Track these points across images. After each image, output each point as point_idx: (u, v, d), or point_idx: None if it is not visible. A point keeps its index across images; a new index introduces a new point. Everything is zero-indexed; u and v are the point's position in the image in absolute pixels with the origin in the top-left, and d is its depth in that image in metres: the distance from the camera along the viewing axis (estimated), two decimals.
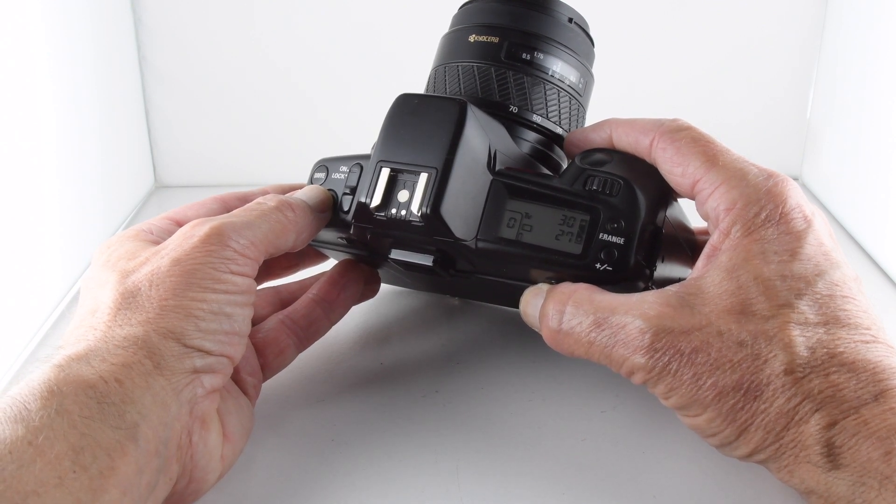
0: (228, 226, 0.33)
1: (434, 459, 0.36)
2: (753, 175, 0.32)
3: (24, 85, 0.50)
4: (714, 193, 0.32)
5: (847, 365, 0.28)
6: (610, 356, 0.31)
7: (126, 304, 0.31)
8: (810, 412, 0.28)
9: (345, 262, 0.42)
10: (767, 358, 0.29)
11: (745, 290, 0.30)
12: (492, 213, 0.35)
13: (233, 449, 0.33)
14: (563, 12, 0.40)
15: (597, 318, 0.31)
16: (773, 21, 0.70)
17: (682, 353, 0.30)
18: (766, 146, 0.74)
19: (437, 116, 0.35)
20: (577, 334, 0.32)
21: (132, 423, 0.27)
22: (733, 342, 0.29)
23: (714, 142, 0.33)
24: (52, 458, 0.25)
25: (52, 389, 0.27)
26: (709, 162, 0.32)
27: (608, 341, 0.31)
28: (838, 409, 0.28)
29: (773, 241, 0.30)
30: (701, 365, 0.29)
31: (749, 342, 0.29)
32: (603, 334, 0.31)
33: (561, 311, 0.32)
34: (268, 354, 0.38)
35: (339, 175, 0.38)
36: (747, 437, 0.29)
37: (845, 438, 0.27)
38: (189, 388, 0.30)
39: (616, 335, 0.31)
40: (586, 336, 0.32)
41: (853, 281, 0.31)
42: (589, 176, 0.34)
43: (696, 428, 0.31)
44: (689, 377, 0.29)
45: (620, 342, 0.31)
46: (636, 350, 0.30)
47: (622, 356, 0.31)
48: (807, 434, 0.28)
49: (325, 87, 0.72)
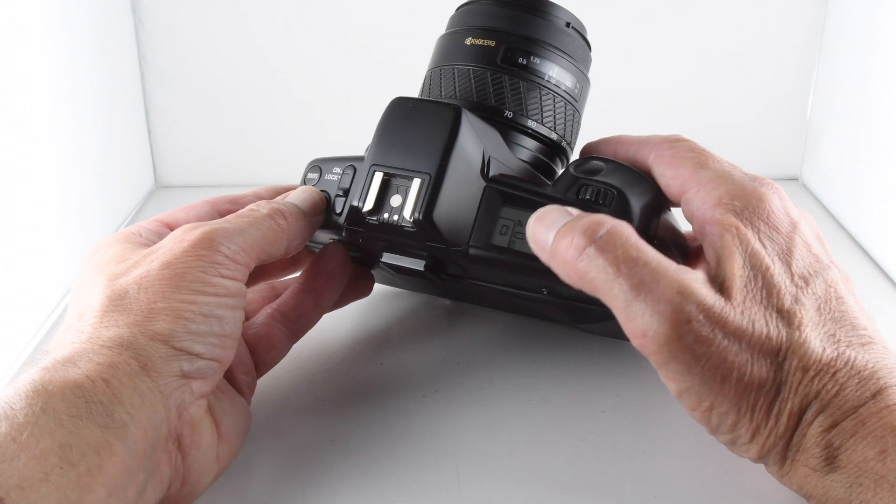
0: (219, 231, 0.33)
1: (434, 459, 0.36)
2: (739, 176, 0.32)
3: (25, 85, 0.49)
4: (700, 191, 0.32)
5: (850, 364, 0.28)
6: (630, 304, 0.28)
7: (114, 306, 0.31)
8: (816, 412, 0.28)
9: (329, 247, 0.40)
10: (787, 354, 0.28)
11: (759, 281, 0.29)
12: (484, 220, 0.35)
13: (229, 449, 0.33)
14: (561, 16, 0.40)
15: (634, 256, 0.28)
16: (773, 21, 0.70)
17: (714, 333, 0.27)
18: (766, 146, 0.74)
19: (431, 121, 0.35)
20: (603, 263, 0.28)
21: (121, 423, 0.27)
22: (764, 334, 0.28)
23: (709, 153, 0.34)
24: (37, 454, 0.25)
25: (38, 389, 0.26)
26: (698, 165, 0.33)
27: (637, 285, 0.28)
28: (840, 410, 0.28)
29: (766, 237, 0.30)
30: (731, 351, 0.28)
31: (774, 335, 0.28)
32: (634, 276, 0.28)
33: (595, 233, 0.29)
34: (260, 350, 0.38)
35: (333, 176, 0.38)
36: (760, 437, 0.29)
37: (843, 439, 0.27)
38: (177, 392, 0.30)
39: (647, 285, 0.28)
40: (615, 268, 0.28)
41: (844, 282, 0.31)
42: (582, 185, 0.34)
43: (706, 422, 0.29)
44: (714, 362, 0.28)
45: (651, 294, 0.28)
46: (662, 313, 0.27)
47: (643, 312, 0.28)
48: (809, 436, 0.28)
49: (324, 87, 0.72)
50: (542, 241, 0.31)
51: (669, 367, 0.28)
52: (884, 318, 0.32)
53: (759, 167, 0.75)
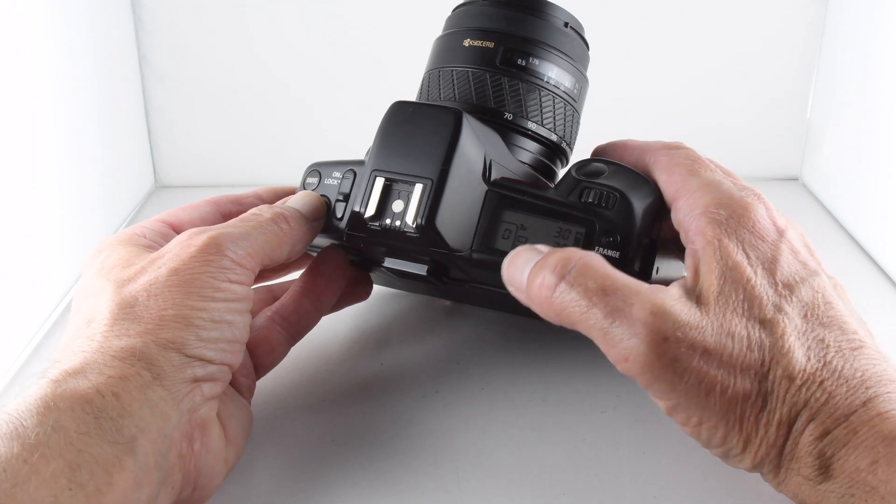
0: (226, 236, 0.33)
1: (434, 459, 0.36)
2: (728, 186, 0.32)
3: (25, 85, 0.49)
4: (688, 199, 0.32)
5: (838, 371, 0.28)
6: (607, 332, 0.28)
7: (123, 314, 0.30)
8: (807, 421, 0.28)
9: (328, 250, 0.40)
10: (771, 364, 0.28)
11: (739, 293, 0.29)
12: (487, 225, 0.35)
13: (235, 451, 0.33)
14: (559, 16, 0.40)
15: (604, 285, 0.29)
16: (773, 21, 0.70)
17: (693, 349, 0.28)
18: (766, 146, 0.74)
19: (432, 126, 0.34)
20: (576, 296, 0.29)
21: (130, 437, 0.27)
22: (745, 346, 0.28)
23: (704, 161, 0.34)
24: (47, 477, 0.25)
25: (49, 405, 0.26)
26: (689, 172, 0.33)
27: (611, 312, 0.28)
28: (831, 418, 0.27)
29: (750, 247, 0.30)
30: (712, 366, 0.28)
31: (756, 347, 0.29)
32: (607, 305, 0.28)
33: (565, 268, 0.29)
34: (260, 353, 0.38)
35: (332, 181, 0.38)
36: (752, 448, 0.29)
37: (836, 448, 0.27)
38: (189, 396, 0.30)
39: (621, 311, 0.28)
40: (587, 300, 0.29)
41: (833, 288, 0.31)
42: (585, 188, 0.34)
43: (697, 436, 0.30)
44: (696, 378, 0.28)
45: (626, 318, 0.28)
46: (639, 335, 0.28)
47: (620, 336, 0.28)
48: (801, 445, 0.28)
49: (324, 87, 0.72)
50: (518, 283, 0.31)
51: (655, 387, 0.29)
52: (884, 318, 0.32)
53: (759, 167, 0.75)
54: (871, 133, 0.61)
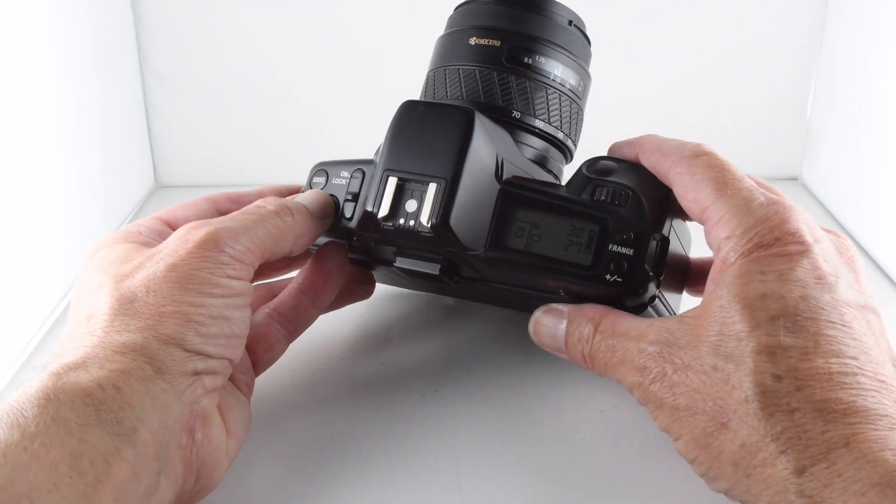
0: (224, 231, 0.33)
1: (434, 459, 0.36)
2: (757, 204, 0.31)
3: (25, 85, 0.50)
4: (718, 223, 0.31)
5: (814, 403, 0.27)
6: (616, 373, 0.33)
7: (123, 309, 0.31)
8: (775, 453, 0.27)
9: (326, 246, 0.40)
10: (735, 384, 0.28)
11: (725, 310, 0.29)
12: (500, 223, 0.35)
13: (236, 443, 0.33)
14: (563, 14, 0.40)
15: (614, 341, 0.33)
16: (773, 21, 0.70)
17: (666, 373, 0.30)
18: (766, 146, 0.74)
19: (444, 125, 0.34)
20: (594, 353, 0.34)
21: (130, 429, 0.27)
22: (709, 366, 0.29)
23: (729, 168, 0.32)
24: (47, 464, 0.25)
25: (49, 397, 0.26)
26: (717, 190, 0.32)
27: (616, 360, 0.32)
28: (805, 455, 0.26)
29: (762, 262, 0.30)
30: (680, 386, 0.30)
31: (721, 366, 0.29)
32: (616, 355, 0.32)
33: (592, 333, 0.33)
34: (258, 350, 0.38)
35: (340, 180, 0.38)
36: (720, 468, 0.29)
37: (817, 488, 0.26)
38: (191, 388, 0.30)
39: (622, 355, 0.32)
40: (602, 355, 0.33)
41: (851, 308, 0.29)
42: (597, 186, 0.34)
43: (680, 453, 0.30)
44: (670, 398, 0.30)
45: (626, 361, 0.32)
46: (632, 368, 0.31)
47: (623, 374, 0.32)
48: (777, 479, 0.27)
49: (324, 87, 0.72)
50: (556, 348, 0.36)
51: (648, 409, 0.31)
52: (884, 319, 0.32)
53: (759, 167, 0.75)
54: (870, 133, 0.61)
